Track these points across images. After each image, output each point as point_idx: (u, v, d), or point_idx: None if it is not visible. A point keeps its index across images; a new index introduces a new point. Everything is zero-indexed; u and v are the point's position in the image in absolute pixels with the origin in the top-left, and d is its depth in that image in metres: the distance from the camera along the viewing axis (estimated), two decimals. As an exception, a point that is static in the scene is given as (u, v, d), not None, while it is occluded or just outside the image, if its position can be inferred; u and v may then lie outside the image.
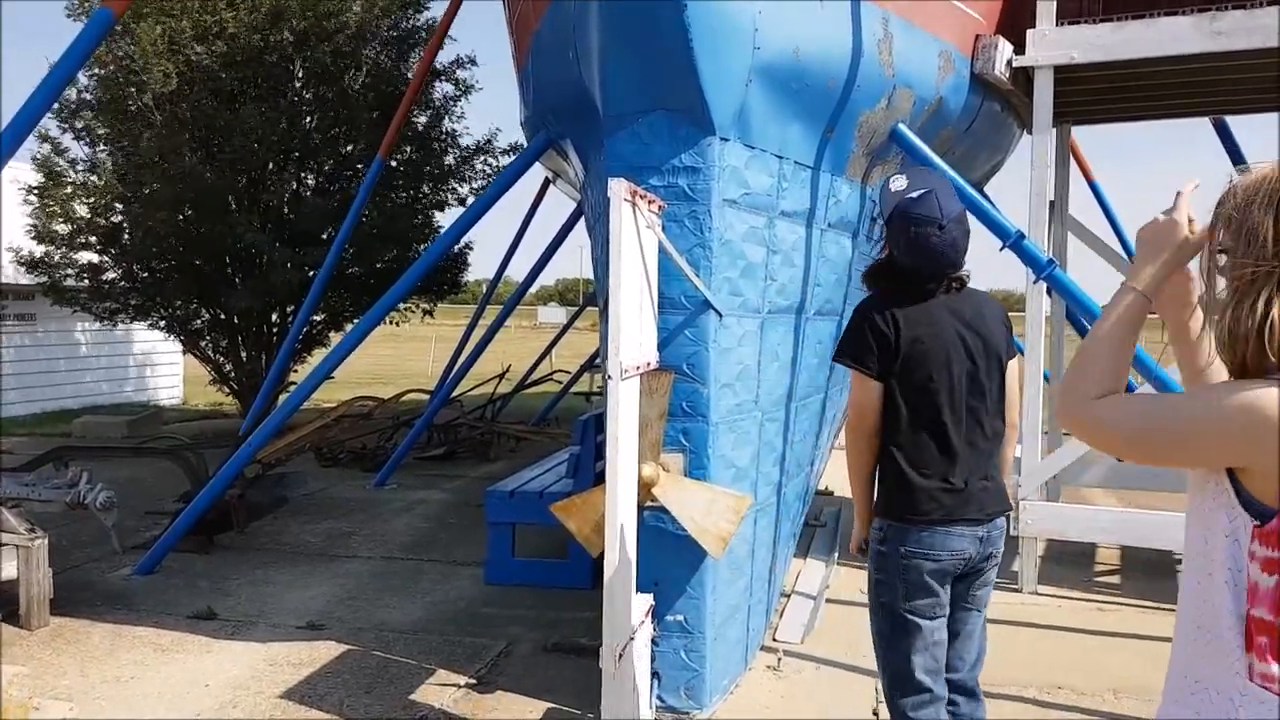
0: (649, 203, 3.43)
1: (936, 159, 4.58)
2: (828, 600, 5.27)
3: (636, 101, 3.63)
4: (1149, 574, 5.84)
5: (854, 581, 5.61)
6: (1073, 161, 8.19)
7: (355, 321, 8.43)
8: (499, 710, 3.88)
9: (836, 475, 8.53)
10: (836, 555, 6.14)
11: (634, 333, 3.31)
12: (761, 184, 3.92)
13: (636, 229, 3.28)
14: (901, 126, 4.55)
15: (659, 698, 3.77)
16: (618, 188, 3.08)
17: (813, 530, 6.63)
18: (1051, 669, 4.28)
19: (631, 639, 3.33)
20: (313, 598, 5.32)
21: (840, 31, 4.05)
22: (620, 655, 3.15)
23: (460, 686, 4.11)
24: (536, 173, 7.58)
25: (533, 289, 11.16)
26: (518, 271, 11.95)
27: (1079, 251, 6.97)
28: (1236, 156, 7.10)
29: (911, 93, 4.54)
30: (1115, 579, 5.82)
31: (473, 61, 11.29)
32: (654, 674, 3.74)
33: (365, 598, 5.35)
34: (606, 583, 3.13)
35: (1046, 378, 7.37)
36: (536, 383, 11.79)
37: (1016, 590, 5.44)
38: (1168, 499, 7.08)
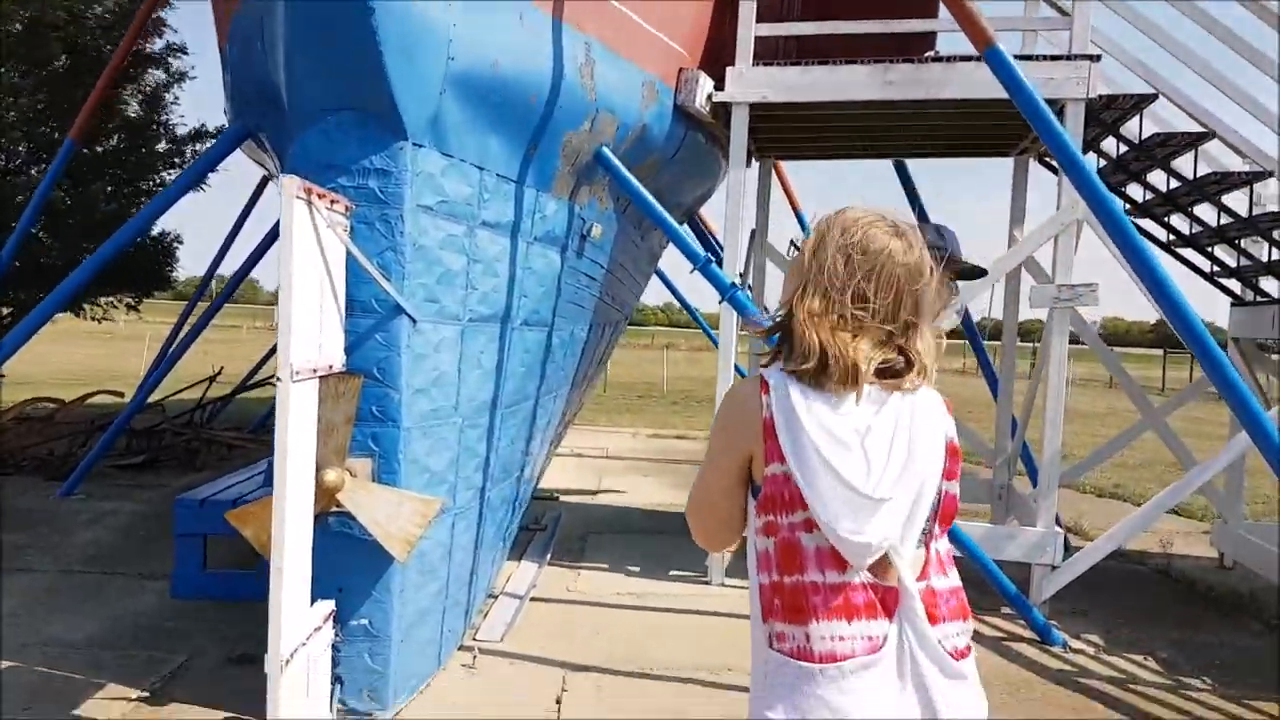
0: (331, 202, 3.39)
1: (637, 184, 4.86)
2: (534, 599, 5.41)
3: (324, 99, 3.58)
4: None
5: (563, 581, 5.81)
6: (782, 192, 8.99)
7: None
8: (168, 724, 3.67)
9: (559, 478, 8.78)
10: (549, 557, 6.30)
11: (310, 333, 3.26)
12: (460, 193, 3.98)
13: (314, 228, 3.23)
14: (606, 149, 4.78)
15: (341, 701, 3.71)
16: (290, 185, 3.04)
17: (532, 534, 6.77)
18: (725, 652, 4.65)
19: (304, 644, 3.27)
20: (-35, 618, 4.73)
21: (541, 50, 4.21)
22: (287, 662, 3.08)
23: (131, 700, 3.85)
24: (256, 168, 7.20)
25: (270, 288, 10.55)
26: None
27: (779, 277, 7.61)
28: (912, 196, 8.06)
29: (615, 118, 4.79)
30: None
31: (183, 50, 10.55)
32: (336, 678, 3.68)
33: (34, 614, 4.84)
34: (271, 589, 3.05)
35: (744, 374, 8.00)
36: (255, 386, 11.07)
37: (706, 582, 5.85)
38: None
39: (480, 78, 3.87)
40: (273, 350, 11.46)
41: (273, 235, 7.89)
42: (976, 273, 3.87)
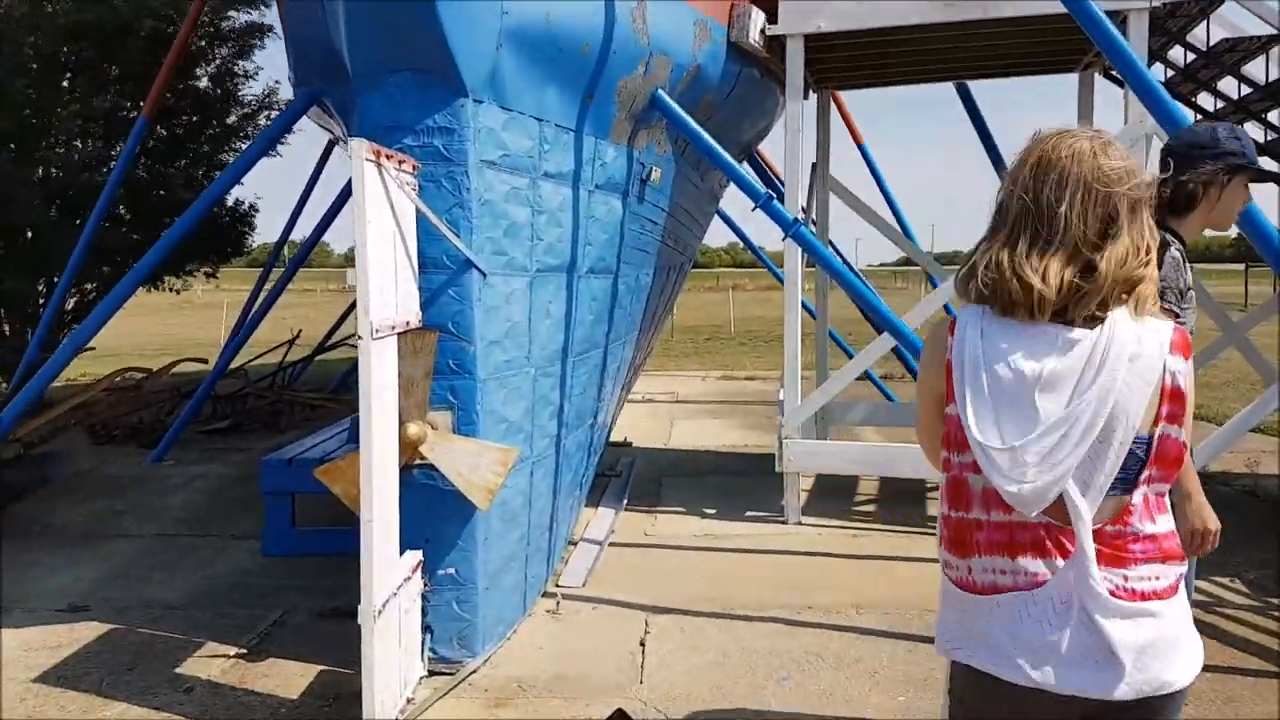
0: (399, 163, 3.44)
1: (695, 125, 4.82)
2: (612, 544, 5.53)
3: (384, 61, 3.61)
4: (902, 501, 6.48)
5: (640, 525, 5.92)
6: (843, 124, 8.79)
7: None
8: (270, 676, 3.87)
9: (631, 427, 8.88)
10: (625, 502, 6.42)
11: (387, 292, 3.34)
12: (522, 146, 4.00)
13: (385, 189, 3.29)
14: (661, 93, 4.74)
15: (433, 650, 3.87)
16: (359, 148, 3.09)
17: (607, 480, 6.89)
18: (804, 591, 4.71)
19: (395, 595, 3.41)
20: (77, 579, 5.03)
21: (592, -2, 4.17)
22: (380, 612, 3.22)
23: (230, 657, 4.05)
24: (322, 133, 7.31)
25: (341, 251, 10.79)
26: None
27: (843, 211, 7.50)
28: (976, 117, 7.82)
29: (669, 60, 4.73)
30: (872, 507, 6.43)
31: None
32: (426, 628, 3.84)
33: (134, 576, 5.12)
34: (362, 542, 3.18)
35: (811, 312, 7.94)
36: (333, 347, 11.37)
37: (783, 521, 5.91)
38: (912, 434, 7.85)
39: (534, 30, 3.86)
40: (348, 311, 11.84)
41: (342, 199, 8.05)
42: (1275, 176, 3.53)
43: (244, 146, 10.81)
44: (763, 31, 5.42)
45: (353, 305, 12.06)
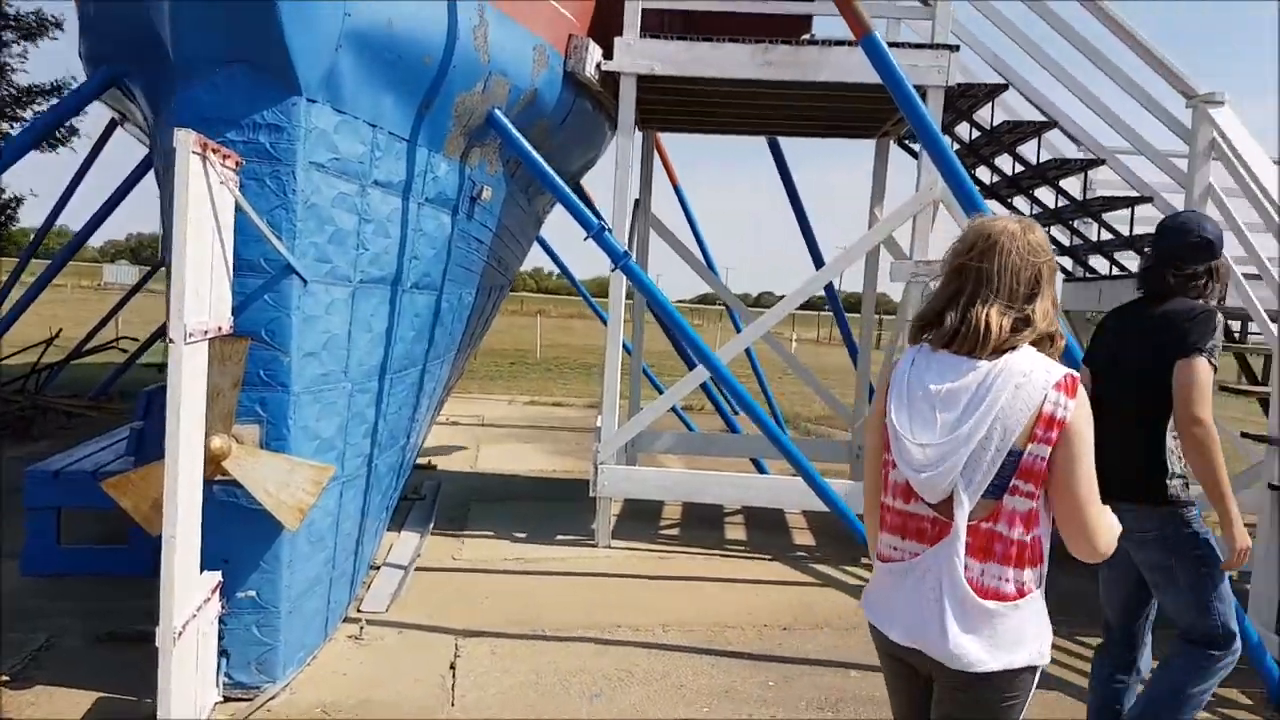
0: (223, 158, 3.26)
1: (529, 147, 4.87)
2: (418, 569, 5.38)
3: (214, 51, 3.42)
4: (703, 525, 6.75)
5: (447, 550, 5.80)
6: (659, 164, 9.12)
7: None
8: (37, 706, 3.47)
9: (437, 450, 8.70)
10: (431, 526, 6.27)
11: (202, 294, 3.14)
12: (354, 150, 3.89)
13: (207, 184, 3.10)
14: (498, 112, 4.76)
15: (228, 675, 3.62)
16: (185, 139, 2.91)
17: (411, 504, 6.70)
18: (614, 611, 4.80)
19: (194, 617, 3.17)
20: None
21: (436, 11, 4.15)
22: (179, 636, 2.99)
23: (-14, 688, 3.60)
24: (103, 113, 6.70)
25: (97, 244, 9.82)
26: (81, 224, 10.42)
27: (662, 248, 7.77)
28: (784, 171, 8.36)
29: (508, 81, 4.76)
30: (676, 530, 6.64)
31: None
32: (223, 652, 3.59)
33: None
34: (164, 561, 2.95)
35: (628, 348, 8.14)
36: (96, 350, 10.36)
37: (593, 545, 5.99)
38: (718, 462, 8.23)
39: (376, 35, 3.78)
40: (113, 312, 10.79)
41: (126, 187, 7.38)
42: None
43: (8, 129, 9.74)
44: (598, 66, 5.56)
45: (117, 306, 11.11)
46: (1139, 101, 5.89)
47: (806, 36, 6.08)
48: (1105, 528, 1.94)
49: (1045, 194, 6.92)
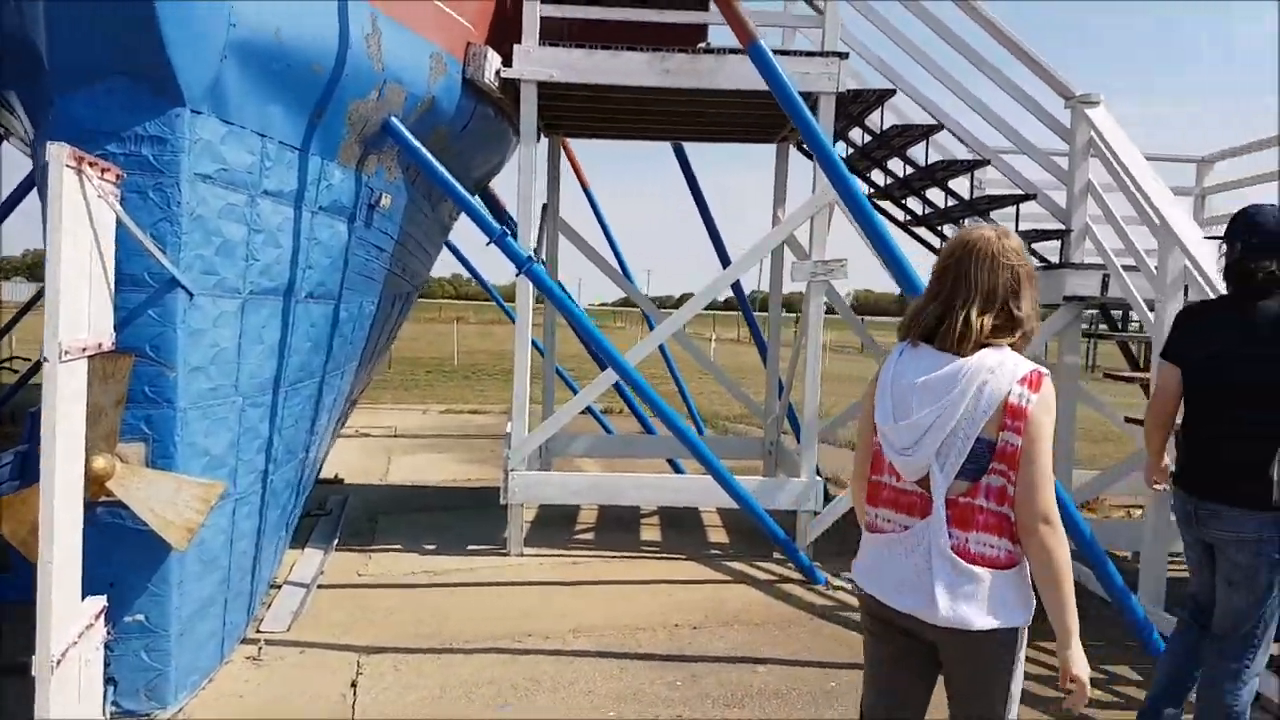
0: (102, 171, 3.16)
1: (427, 154, 4.84)
2: (321, 586, 5.28)
3: (93, 61, 3.31)
4: (619, 529, 6.79)
5: (353, 565, 5.70)
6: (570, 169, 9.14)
7: None
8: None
9: (342, 463, 8.53)
10: (336, 542, 6.15)
11: (79, 311, 3.03)
12: (241, 161, 3.80)
13: (83, 198, 3.00)
14: (394, 119, 4.72)
15: (115, 703, 3.50)
16: (59, 153, 2.82)
17: (316, 519, 6.56)
18: (524, 620, 4.80)
19: (75, 644, 3.06)
20: None
21: (326, 19, 4.09)
22: (58, 664, 2.88)
23: None
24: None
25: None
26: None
27: (566, 252, 7.78)
28: (689, 174, 8.46)
29: (403, 88, 4.73)
30: (591, 535, 6.66)
31: None
32: (110, 679, 3.47)
33: None
34: (40, 587, 2.84)
35: (541, 350, 8.14)
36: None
37: (505, 554, 5.96)
38: (635, 464, 8.29)
39: (263, 45, 3.71)
40: (2, 332, 10.26)
41: (8, 206, 7.05)
42: None
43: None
44: (498, 73, 5.55)
45: (9, 324, 10.58)
46: (1020, 103, 6.15)
47: (703, 45, 6.17)
48: (1055, 510, 2.10)
49: (937, 195, 7.16)
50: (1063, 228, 6.13)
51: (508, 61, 5.66)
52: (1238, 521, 3.02)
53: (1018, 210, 6.54)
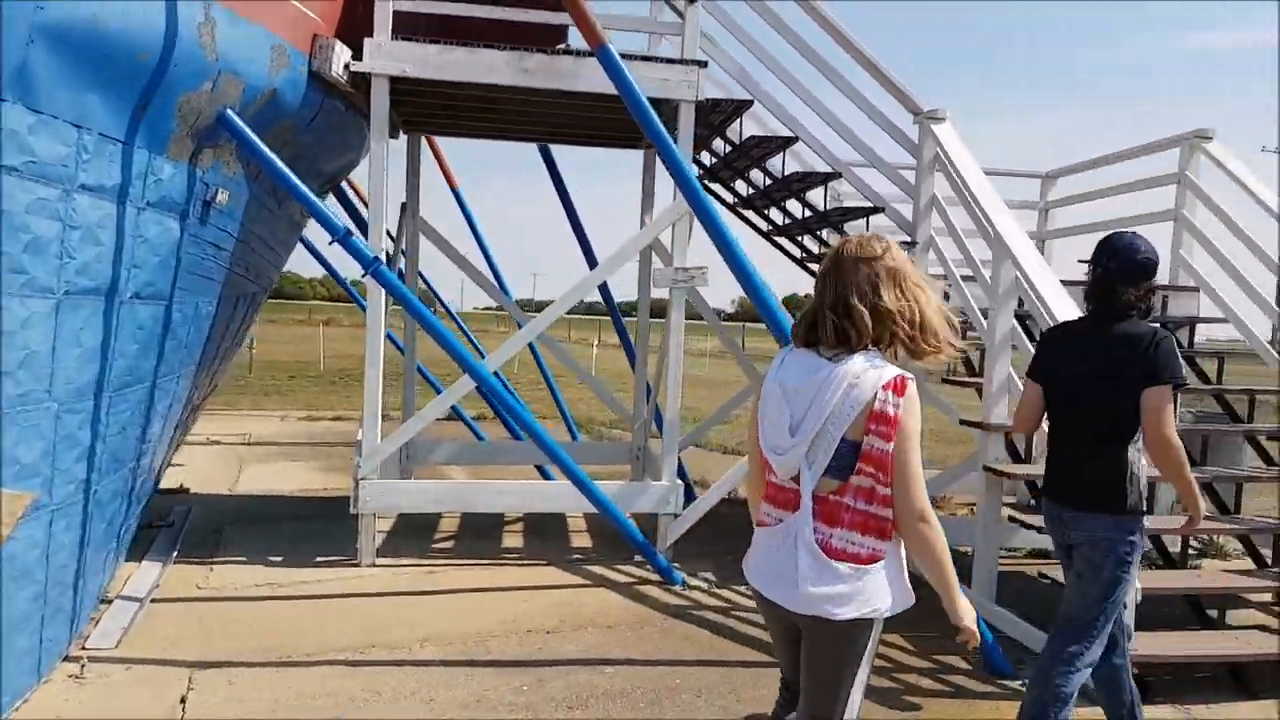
0: (-124, 156, 2.89)
1: (265, 149, 4.65)
2: (156, 601, 5.00)
3: None
4: (481, 536, 6.70)
5: (192, 579, 5.43)
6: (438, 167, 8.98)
7: None
8: None
9: (190, 472, 8.11)
10: (176, 554, 5.84)
11: None
12: (54, 153, 3.56)
13: None
14: (230, 112, 4.51)
15: (-99, 738, 3.21)
16: None
17: (156, 531, 6.22)
18: (370, 631, 4.67)
19: None
20: None
21: (152, 6, 3.88)
22: None
23: None
24: None
25: None
26: None
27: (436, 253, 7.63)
28: (556, 177, 8.43)
29: (240, 80, 4.53)
30: (451, 544, 6.55)
31: None
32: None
33: None
34: None
35: (399, 347, 7.95)
36: None
37: (356, 564, 5.79)
38: (506, 471, 8.20)
39: (78, 30, 3.48)
40: None
41: None
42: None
43: None
44: (346, 66, 5.40)
45: None
46: (871, 118, 6.41)
47: (563, 46, 6.16)
48: (928, 506, 2.23)
49: (797, 207, 7.38)
50: (909, 239, 6.42)
51: (359, 55, 5.50)
52: (1093, 524, 3.27)
53: (868, 222, 6.81)
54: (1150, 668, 4.14)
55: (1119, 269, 3.31)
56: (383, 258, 5.28)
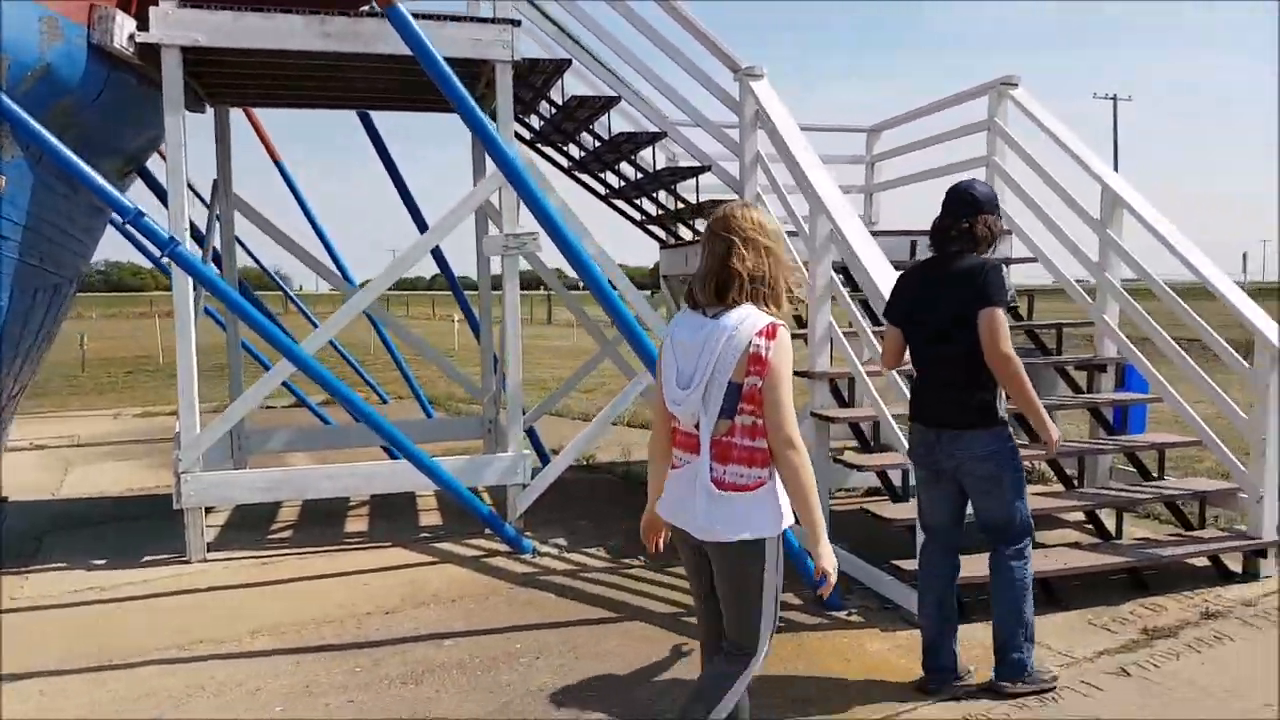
0: None
1: (37, 125, 4.32)
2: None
3: None
4: (321, 522, 6.51)
5: (5, 590, 5.06)
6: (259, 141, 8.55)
7: None
8: None
9: (9, 480, 7.53)
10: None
11: None
12: None
13: None
14: (-5, 89, 4.16)
15: None
16: None
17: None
18: (196, 627, 4.47)
19: None
20: None
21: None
22: None
23: None
24: None
25: None
26: None
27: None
28: (379, 144, 8.16)
29: (5, 56, 4.18)
30: (290, 533, 6.34)
31: None
32: None
33: None
34: None
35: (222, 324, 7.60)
36: None
37: (185, 561, 5.53)
38: (353, 454, 7.96)
39: None
40: None
41: None
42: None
43: None
44: (131, 37, 5.04)
45: None
46: (692, 75, 6.43)
47: (366, 8, 5.92)
48: (796, 435, 2.51)
49: (633, 172, 7.39)
50: (736, 198, 6.54)
51: (145, 25, 5.15)
52: (973, 442, 3.57)
53: (697, 182, 6.90)
54: (970, 588, 4.44)
55: (947, 209, 3.68)
56: (183, 238, 4.99)
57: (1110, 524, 5.55)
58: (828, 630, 4.38)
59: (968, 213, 3.62)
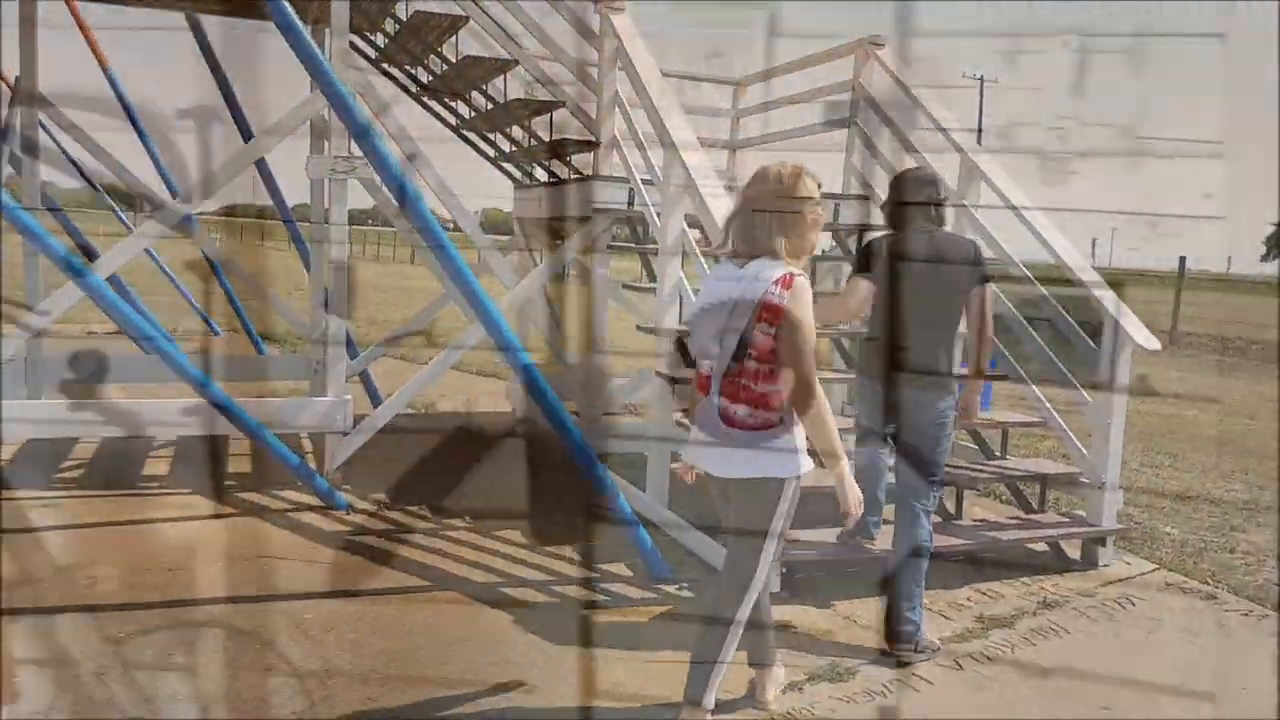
0: None
1: None
2: None
3: None
4: (119, 464, 5.95)
5: None
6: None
7: None
8: None
9: None
10: None
11: None
12: None
13: None
14: None
15: None
16: None
17: None
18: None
19: None
20: None
21: None
22: None
23: None
24: None
25: None
26: None
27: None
28: (209, 54, 7.36)
29: None
30: (77, 474, 5.72)
31: None
32: None
33: None
34: None
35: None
36: None
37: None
38: (177, 389, 7.25)
39: None
40: None
41: None
42: None
43: None
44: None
45: None
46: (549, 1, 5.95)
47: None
48: (816, 382, 2.66)
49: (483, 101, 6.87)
50: (591, 139, 6.14)
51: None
52: (942, 395, 3.79)
53: (551, 119, 6.46)
54: (802, 565, 4.32)
55: (917, 195, 3.92)
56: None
57: (950, 504, 5.31)
58: (655, 604, 4.19)
59: (901, 191, 3.94)
